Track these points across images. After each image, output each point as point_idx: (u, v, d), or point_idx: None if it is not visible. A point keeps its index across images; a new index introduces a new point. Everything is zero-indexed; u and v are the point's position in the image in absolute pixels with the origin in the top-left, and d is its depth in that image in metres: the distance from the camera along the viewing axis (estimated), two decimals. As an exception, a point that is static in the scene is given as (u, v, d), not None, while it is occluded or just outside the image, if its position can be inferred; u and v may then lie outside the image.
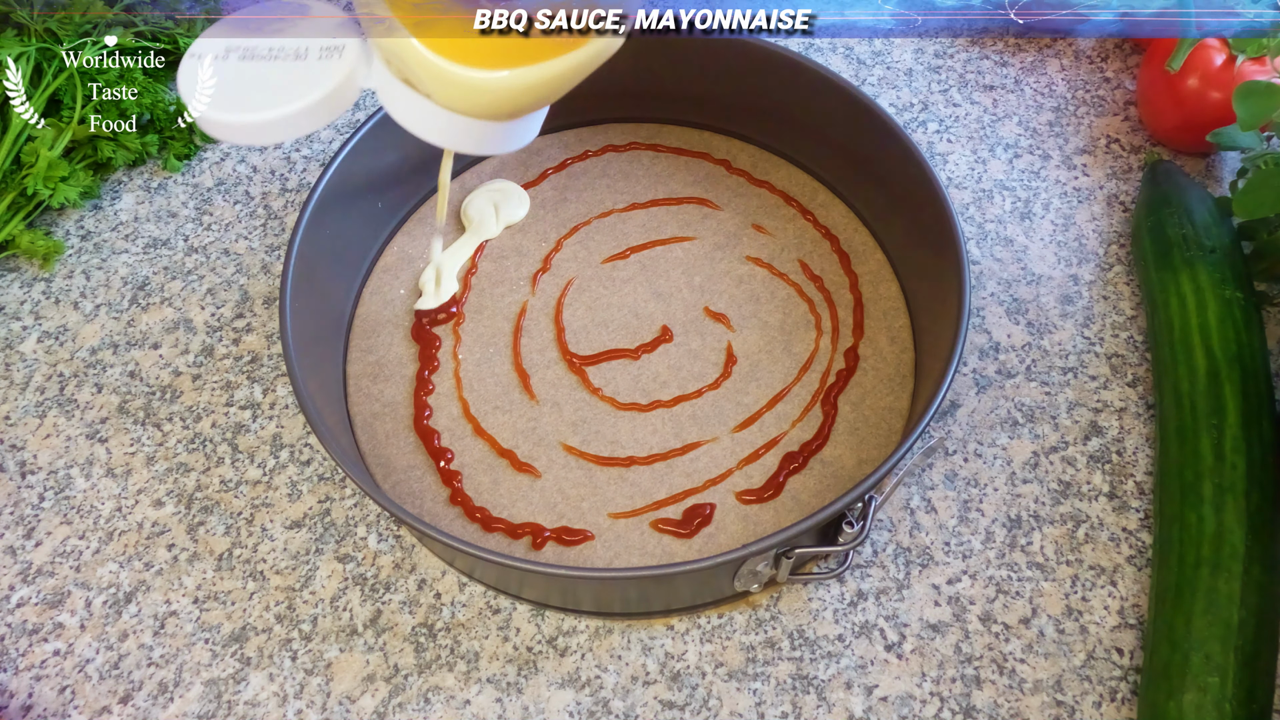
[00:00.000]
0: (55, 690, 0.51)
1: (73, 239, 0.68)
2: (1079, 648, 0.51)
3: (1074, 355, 0.61)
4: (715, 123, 0.69)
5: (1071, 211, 0.67)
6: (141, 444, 0.59)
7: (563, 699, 0.50)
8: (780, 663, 0.51)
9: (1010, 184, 0.68)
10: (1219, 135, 0.62)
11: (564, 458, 0.57)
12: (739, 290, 0.62)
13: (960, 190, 0.68)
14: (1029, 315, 0.63)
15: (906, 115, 0.72)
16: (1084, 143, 0.70)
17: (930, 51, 0.76)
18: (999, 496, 0.56)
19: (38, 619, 0.53)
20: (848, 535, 0.48)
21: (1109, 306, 0.63)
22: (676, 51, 0.63)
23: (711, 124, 0.69)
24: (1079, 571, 0.54)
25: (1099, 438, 0.58)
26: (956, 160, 0.70)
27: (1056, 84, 0.74)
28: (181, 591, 0.54)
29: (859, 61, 0.76)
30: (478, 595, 0.53)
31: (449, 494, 0.55)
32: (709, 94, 0.66)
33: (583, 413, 0.58)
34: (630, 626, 0.52)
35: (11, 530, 0.56)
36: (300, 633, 0.52)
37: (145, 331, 0.63)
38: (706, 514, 0.54)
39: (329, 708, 0.50)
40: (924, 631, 0.52)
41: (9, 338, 0.63)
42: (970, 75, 0.74)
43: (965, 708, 0.50)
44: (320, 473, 0.57)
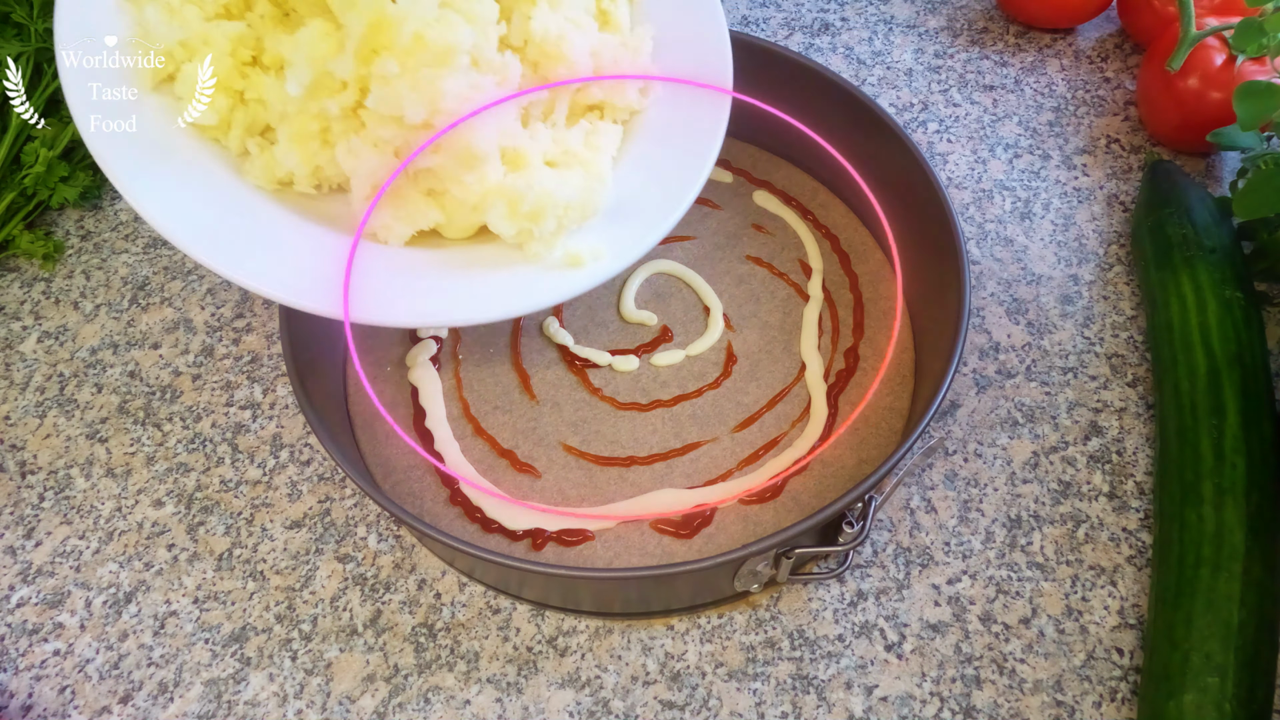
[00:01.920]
0: (55, 690, 0.51)
1: (73, 239, 0.68)
2: (1079, 648, 0.51)
3: (1074, 355, 0.61)
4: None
5: (1071, 211, 0.67)
6: (141, 444, 0.59)
7: (563, 699, 0.50)
8: (780, 663, 0.51)
9: (1010, 184, 0.68)
10: (1219, 135, 0.62)
11: (564, 458, 0.57)
12: (739, 290, 0.62)
13: (960, 190, 0.68)
14: (1029, 315, 0.62)
15: (906, 115, 0.72)
16: (1084, 143, 0.70)
17: (930, 51, 0.76)
18: (999, 496, 0.56)
19: (38, 619, 0.53)
20: (848, 535, 0.48)
21: (1109, 306, 0.63)
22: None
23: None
24: (1079, 571, 0.54)
25: (1099, 438, 0.58)
26: (956, 160, 0.70)
27: (1056, 84, 0.74)
28: (181, 591, 0.54)
29: (859, 61, 0.76)
30: (478, 595, 0.53)
31: (449, 494, 0.55)
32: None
33: (583, 413, 0.58)
34: (630, 626, 0.52)
35: (11, 530, 0.56)
36: (300, 633, 0.52)
37: (145, 331, 0.63)
38: (706, 514, 0.54)
39: (329, 708, 0.50)
40: (924, 631, 0.52)
41: (9, 338, 0.63)
42: (970, 75, 0.74)
43: (965, 708, 0.50)
44: (320, 473, 0.57)
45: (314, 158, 0.49)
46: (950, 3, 0.79)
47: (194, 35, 0.48)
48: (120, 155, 0.46)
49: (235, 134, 0.50)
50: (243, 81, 0.49)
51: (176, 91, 0.48)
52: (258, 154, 0.50)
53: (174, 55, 0.48)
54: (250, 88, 0.49)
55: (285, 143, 0.49)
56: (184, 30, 0.48)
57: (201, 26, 0.48)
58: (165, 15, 0.48)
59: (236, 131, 0.50)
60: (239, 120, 0.50)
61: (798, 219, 0.65)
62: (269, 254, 0.47)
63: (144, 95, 0.48)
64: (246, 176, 0.50)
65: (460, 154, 0.47)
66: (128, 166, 0.46)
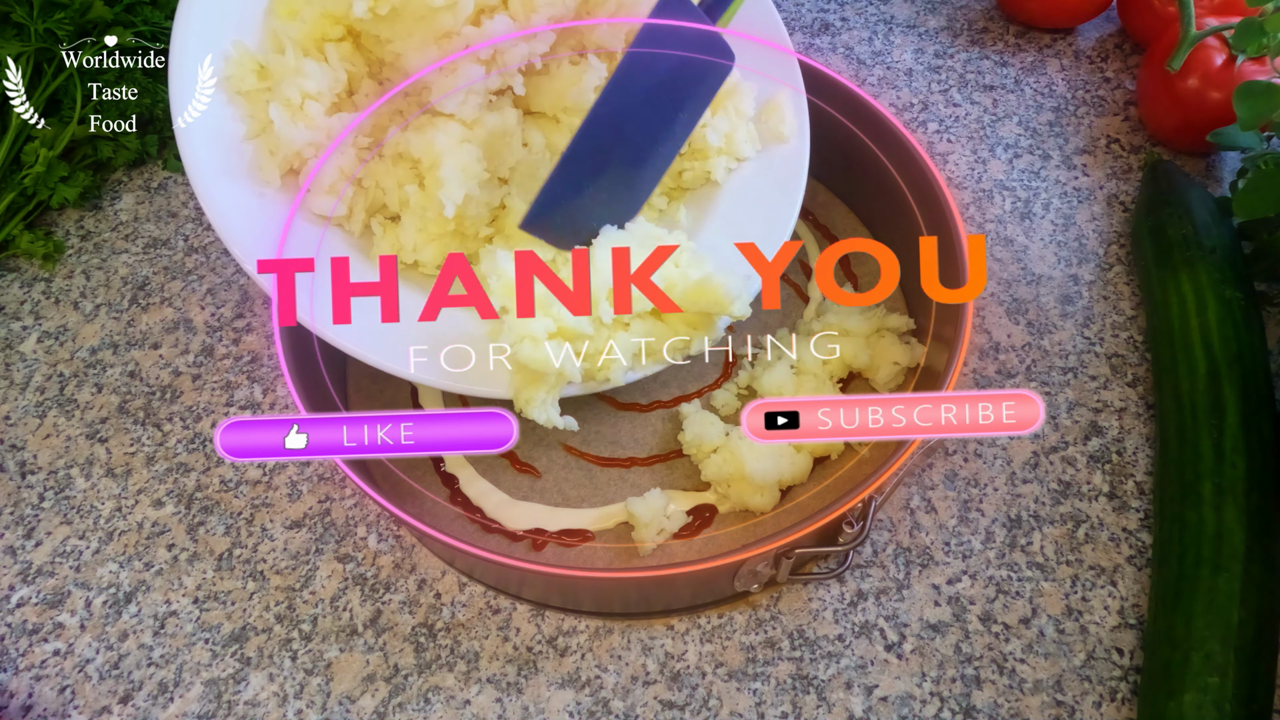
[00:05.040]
0: (55, 690, 0.51)
1: (73, 239, 0.68)
2: (1079, 648, 0.51)
3: (1074, 355, 0.61)
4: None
5: (1071, 211, 0.67)
6: (141, 444, 0.59)
7: (563, 699, 0.50)
8: (780, 663, 0.51)
9: (1010, 184, 0.68)
10: (1219, 135, 0.62)
11: (564, 458, 0.57)
12: (739, 290, 0.62)
13: (960, 190, 0.68)
14: (1029, 315, 0.62)
15: (906, 115, 0.72)
16: (1084, 143, 0.70)
17: (930, 51, 0.76)
18: (999, 496, 0.56)
19: (38, 619, 0.53)
20: (848, 535, 0.48)
21: (1109, 306, 0.63)
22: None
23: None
24: (1079, 571, 0.54)
25: (1099, 438, 0.58)
26: (956, 160, 0.70)
27: (1056, 84, 0.74)
28: (181, 591, 0.54)
29: (859, 61, 0.76)
30: (478, 595, 0.53)
31: (449, 494, 0.55)
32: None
33: (583, 413, 0.58)
34: (630, 626, 0.52)
35: (11, 530, 0.56)
36: (300, 633, 0.52)
37: (145, 331, 0.63)
38: (707, 515, 0.54)
39: (329, 708, 0.50)
40: (924, 631, 0.52)
41: (9, 338, 0.63)
42: (970, 75, 0.74)
43: (965, 708, 0.50)
44: (320, 473, 0.57)
45: (445, 250, 0.51)
46: (950, 3, 0.79)
47: (320, 133, 0.48)
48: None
49: (358, 218, 0.52)
50: (362, 169, 0.50)
51: (299, 181, 0.50)
52: (381, 235, 0.52)
53: (302, 153, 0.49)
54: (368, 174, 0.51)
55: (413, 233, 0.51)
56: (313, 131, 0.48)
57: (326, 123, 0.49)
58: (289, 115, 0.48)
59: (359, 214, 0.52)
60: (360, 204, 0.51)
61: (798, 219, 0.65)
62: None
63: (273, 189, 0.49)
64: (372, 257, 0.52)
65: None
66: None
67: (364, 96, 0.51)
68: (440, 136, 0.49)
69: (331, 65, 0.49)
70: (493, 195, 0.52)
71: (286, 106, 0.48)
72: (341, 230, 0.52)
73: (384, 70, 0.51)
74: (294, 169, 0.50)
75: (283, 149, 0.48)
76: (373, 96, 0.51)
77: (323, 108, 0.49)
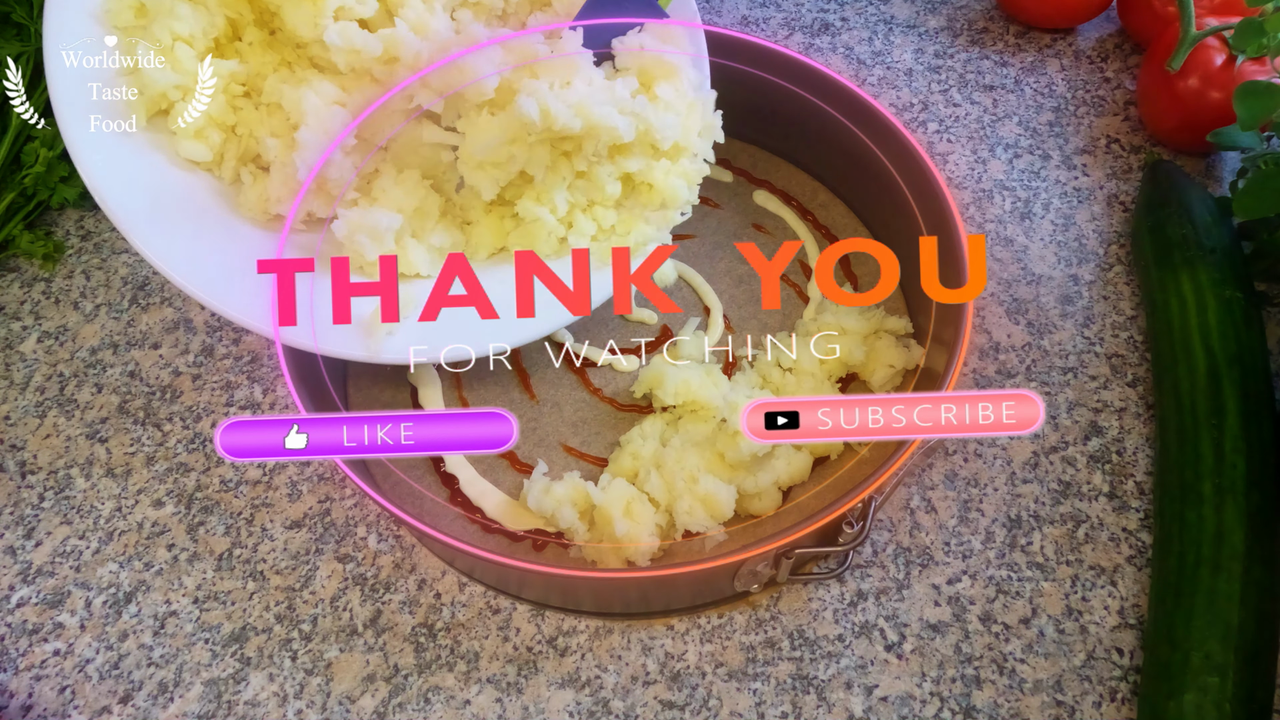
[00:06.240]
0: (55, 690, 0.51)
1: (73, 239, 0.68)
2: (1079, 648, 0.51)
3: (1074, 355, 0.61)
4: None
5: (1071, 211, 0.67)
6: (141, 444, 0.59)
7: (563, 699, 0.50)
8: (780, 663, 0.51)
9: (1010, 184, 0.68)
10: (1219, 135, 0.62)
11: (564, 458, 0.57)
12: (739, 290, 0.62)
13: (960, 190, 0.68)
14: (1029, 315, 0.62)
15: (906, 115, 0.72)
16: (1084, 143, 0.70)
17: (930, 51, 0.76)
18: (999, 496, 0.56)
19: (38, 619, 0.53)
20: (847, 535, 0.48)
21: (1109, 306, 0.63)
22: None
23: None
24: (1079, 571, 0.54)
25: (1099, 438, 0.58)
26: (956, 160, 0.70)
27: (1056, 84, 0.74)
28: (181, 591, 0.54)
29: (859, 61, 0.76)
30: (478, 595, 0.53)
31: (449, 494, 0.55)
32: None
33: (583, 413, 0.58)
34: (630, 626, 0.52)
35: (11, 530, 0.56)
36: (300, 633, 0.52)
37: (145, 331, 0.63)
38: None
39: (329, 708, 0.50)
40: (924, 631, 0.52)
41: (9, 338, 0.63)
42: (970, 75, 0.74)
43: (965, 708, 0.50)
44: (320, 473, 0.57)
45: (306, 208, 0.51)
46: (950, 3, 0.79)
47: (188, 77, 0.49)
48: (118, 190, 0.48)
49: (229, 164, 0.51)
50: (235, 116, 0.50)
51: (169, 125, 0.50)
52: (251, 183, 0.51)
53: (168, 94, 0.49)
54: (241, 122, 0.50)
55: (279, 186, 0.51)
56: (179, 74, 0.48)
57: (195, 67, 0.49)
58: (159, 58, 0.48)
59: (230, 162, 0.51)
60: (231, 152, 0.51)
61: (797, 219, 0.65)
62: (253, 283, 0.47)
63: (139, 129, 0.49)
64: (240, 209, 0.51)
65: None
66: (128, 206, 0.48)
67: (248, 45, 0.51)
68: (310, 95, 0.48)
69: (209, 9, 0.49)
70: (364, 162, 0.51)
71: (155, 46, 0.48)
72: (212, 176, 0.52)
73: (273, 20, 0.51)
74: (162, 110, 0.50)
75: (148, 89, 0.48)
76: (259, 46, 0.50)
77: (194, 52, 0.49)
